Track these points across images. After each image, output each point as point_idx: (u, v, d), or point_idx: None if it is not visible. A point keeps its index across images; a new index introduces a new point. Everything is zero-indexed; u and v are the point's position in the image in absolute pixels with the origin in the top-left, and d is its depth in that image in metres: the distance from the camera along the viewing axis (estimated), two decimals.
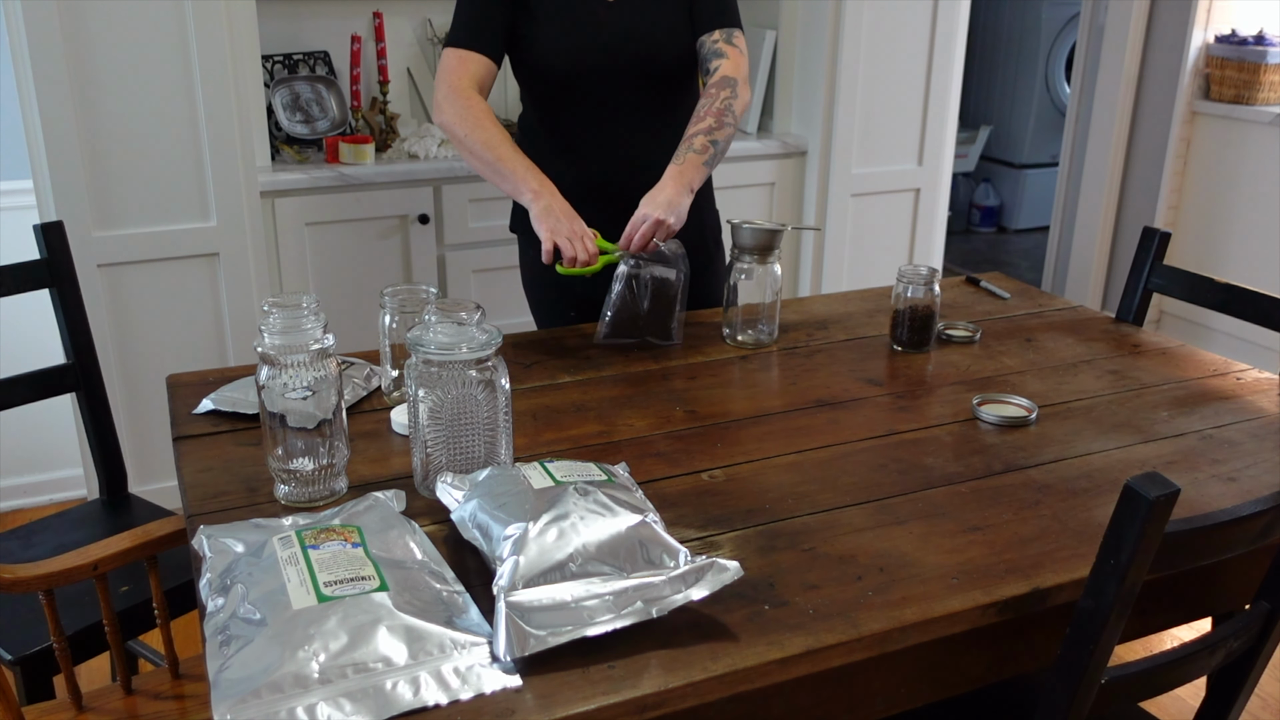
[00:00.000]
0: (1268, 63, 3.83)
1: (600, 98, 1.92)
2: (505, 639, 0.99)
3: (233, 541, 1.14)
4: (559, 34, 1.87)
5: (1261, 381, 1.74)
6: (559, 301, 2.06)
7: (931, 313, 1.80)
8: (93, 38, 2.44)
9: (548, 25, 1.87)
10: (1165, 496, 0.97)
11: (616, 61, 1.90)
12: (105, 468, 2.01)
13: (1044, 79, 5.88)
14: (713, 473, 1.39)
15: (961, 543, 1.23)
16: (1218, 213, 4.05)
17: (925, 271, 1.78)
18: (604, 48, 1.89)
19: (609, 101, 1.93)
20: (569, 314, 2.04)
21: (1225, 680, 1.28)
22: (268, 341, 1.24)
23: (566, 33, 1.87)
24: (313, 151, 3.00)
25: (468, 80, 1.85)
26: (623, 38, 1.89)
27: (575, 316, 2.02)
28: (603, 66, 1.89)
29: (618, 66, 1.90)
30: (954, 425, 1.54)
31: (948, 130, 3.51)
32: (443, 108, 1.84)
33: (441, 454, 1.27)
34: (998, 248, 5.86)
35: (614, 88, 1.92)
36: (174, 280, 2.66)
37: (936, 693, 1.18)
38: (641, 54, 1.91)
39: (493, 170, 1.81)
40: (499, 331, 1.26)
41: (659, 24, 1.92)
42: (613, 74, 1.90)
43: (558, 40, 1.87)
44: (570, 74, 1.90)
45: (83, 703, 1.51)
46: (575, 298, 2.02)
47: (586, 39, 1.88)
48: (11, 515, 2.93)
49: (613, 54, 1.89)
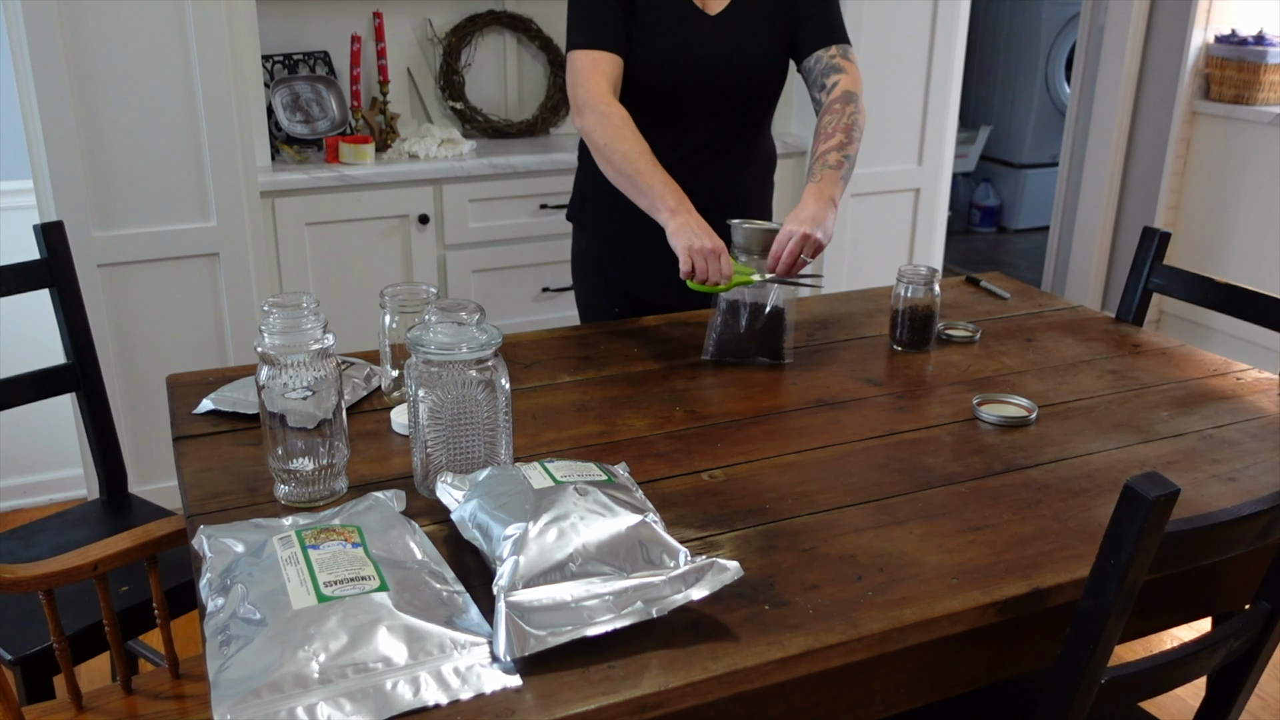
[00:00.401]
0: (1268, 63, 3.83)
1: (689, 110, 1.92)
2: (505, 639, 0.99)
3: (233, 541, 1.14)
4: (659, 42, 1.87)
5: (1261, 381, 1.74)
6: (606, 298, 2.07)
7: (931, 313, 1.80)
8: (93, 38, 2.44)
9: (649, 32, 1.86)
10: (1165, 496, 0.97)
11: (712, 76, 1.89)
12: (105, 468, 2.01)
13: (1044, 79, 5.88)
14: (713, 473, 1.39)
15: (961, 543, 1.23)
16: (1218, 213, 4.05)
17: (925, 271, 1.78)
18: (701, 61, 1.88)
19: (696, 115, 1.93)
20: (613, 310, 2.06)
21: (1225, 680, 1.28)
22: (268, 341, 1.24)
23: (666, 41, 1.87)
24: (313, 151, 3.00)
25: (605, 84, 1.83)
26: (723, 53, 1.89)
27: (619, 312, 2.04)
28: (697, 80, 1.89)
29: (712, 81, 1.90)
30: (954, 425, 1.54)
31: (948, 130, 3.51)
32: (583, 113, 1.82)
33: (441, 454, 1.27)
34: (998, 248, 5.86)
35: (704, 101, 1.92)
36: (174, 280, 2.66)
37: (936, 693, 1.18)
38: (738, 71, 1.90)
39: (630, 183, 1.78)
40: (499, 331, 1.26)
41: (760, 43, 1.91)
42: (705, 88, 1.90)
43: (657, 48, 1.87)
44: (664, 83, 1.89)
45: (83, 703, 1.51)
46: (621, 295, 2.05)
47: (686, 50, 1.87)
48: (11, 515, 2.93)
49: (709, 68, 1.89)
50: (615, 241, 2.03)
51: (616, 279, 2.02)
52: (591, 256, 2.07)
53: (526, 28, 3.34)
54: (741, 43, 1.90)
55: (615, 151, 1.78)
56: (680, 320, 1.94)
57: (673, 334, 1.87)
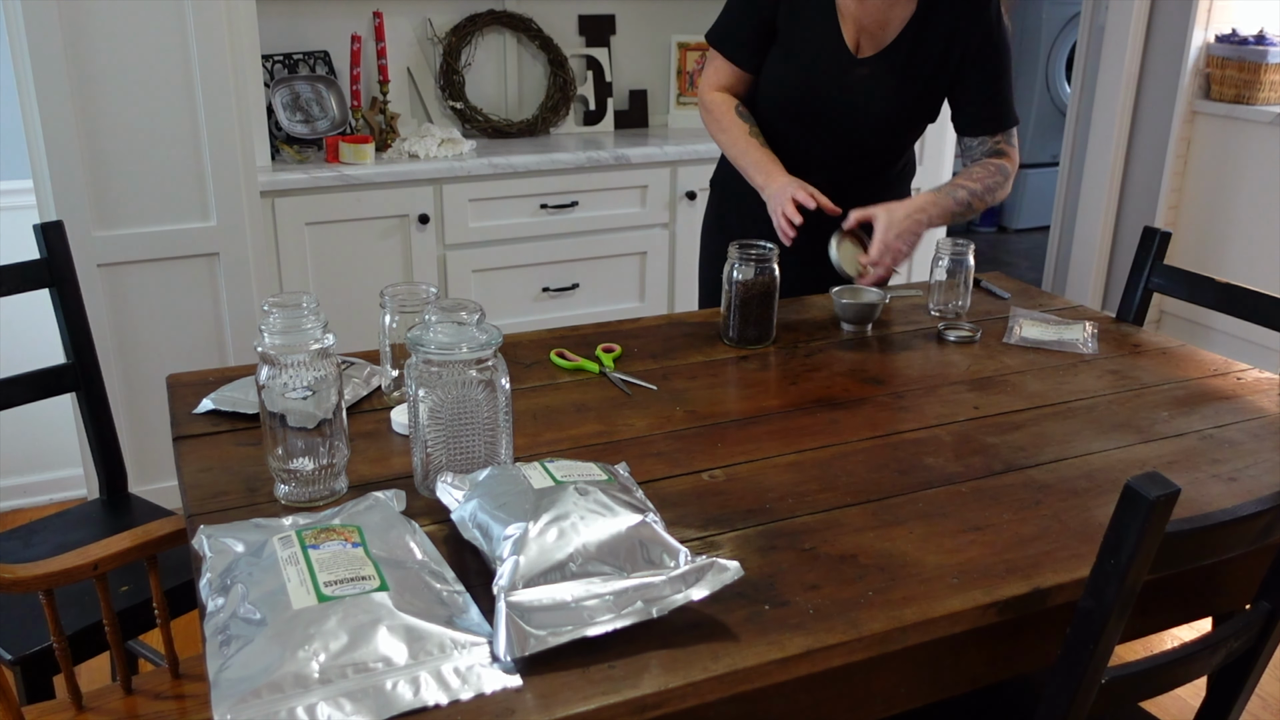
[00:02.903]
0: (1268, 62, 3.82)
1: (822, 140, 1.96)
2: (505, 639, 0.99)
3: (233, 541, 1.14)
4: (792, 73, 1.90)
5: (1261, 381, 1.74)
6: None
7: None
8: (93, 38, 2.44)
9: (786, 62, 1.89)
10: (1165, 496, 0.97)
11: (837, 112, 1.91)
12: (105, 468, 2.01)
13: (1044, 79, 5.88)
14: (713, 473, 1.38)
15: (961, 543, 1.23)
16: (1218, 213, 4.05)
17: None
18: (824, 99, 1.90)
19: (830, 145, 1.97)
20: None
21: (1225, 680, 1.28)
22: (268, 341, 1.24)
23: (797, 73, 1.89)
24: (313, 151, 3.00)
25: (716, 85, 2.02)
26: (850, 97, 1.90)
27: None
28: (823, 112, 1.91)
29: (835, 117, 1.92)
30: (954, 425, 1.54)
31: (948, 130, 3.51)
32: (701, 106, 2.06)
33: (441, 454, 1.27)
34: (998, 248, 5.86)
35: (817, 136, 1.96)
36: (174, 280, 2.66)
37: (936, 693, 1.18)
38: (864, 116, 1.92)
39: (735, 165, 2.00)
40: (499, 331, 1.26)
41: (895, 94, 1.90)
42: (828, 121, 1.93)
43: (786, 79, 1.90)
44: (791, 106, 1.93)
45: (83, 703, 1.51)
46: None
47: (821, 82, 1.89)
48: (11, 515, 2.93)
49: (838, 104, 1.91)
50: (735, 199, 2.11)
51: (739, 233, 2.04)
52: (718, 214, 2.19)
53: (527, 27, 3.34)
54: (875, 92, 1.89)
55: (722, 144, 2.02)
56: (681, 320, 1.95)
57: (673, 333, 1.88)
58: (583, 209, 3.10)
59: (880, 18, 1.87)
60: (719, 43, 1.99)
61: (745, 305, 1.78)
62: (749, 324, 1.80)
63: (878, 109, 1.92)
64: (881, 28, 1.87)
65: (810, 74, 1.89)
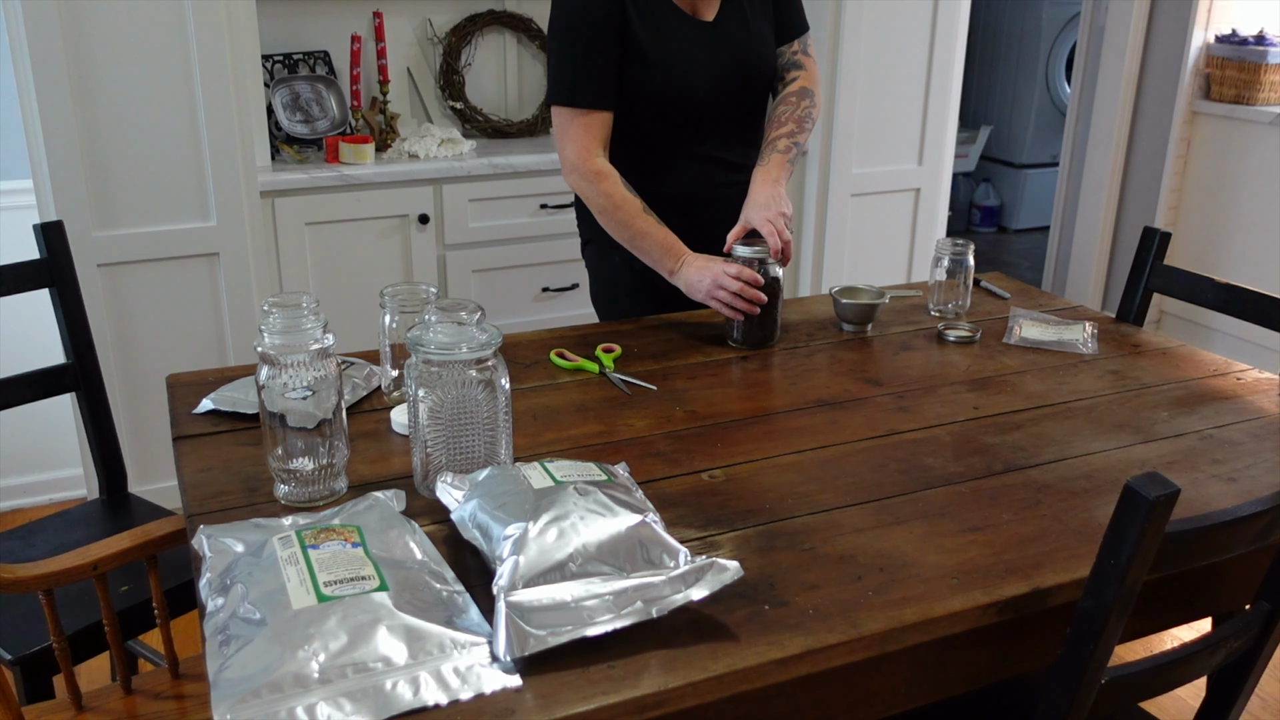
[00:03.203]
0: (1268, 63, 3.83)
1: (701, 114, 1.93)
2: (505, 639, 0.99)
3: (233, 541, 1.14)
4: (669, 61, 1.87)
5: (1261, 381, 1.73)
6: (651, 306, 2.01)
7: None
8: (93, 38, 2.44)
9: (654, 52, 1.86)
10: (1165, 496, 0.97)
11: (722, 78, 1.91)
12: (105, 468, 2.01)
13: (1044, 79, 5.88)
14: (713, 473, 1.38)
15: (961, 543, 1.23)
16: (1218, 213, 4.05)
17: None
18: (711, 66, 1.89)
19: (708, 117, 1.94)
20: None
21: (1225, 680, 1.28)
22: (268, 341, 1.24)
23: (674, 57, 1.87)
24: (313, 151, 3.00)
25: (595, 146, 1.86)
26: (729, 54, 1.91)
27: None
28: (710, 85, 1.90)
29: (723, 83, 1.91)
30: (954, 425, 1.54)
31: (948, 130, 3.51)
32: (573, 181, 1.89)
33: (441, 454, 1.27)
34: (998, 248, 5.86)
35: (715, 103, 1.93)
36: (174, 280, 2.66)
37: (936, 693, 1.18)
38: (745, 69, 1.93)
39: (631, 244, 1.88)
40: (499, 331, 1.26)
41: (757, 37, 1.94)
42: (718, 90, 1.91)
43: (669, 67, 1.87)
44: (681, 95, 1.89)
45: (82, 703, 1.51)
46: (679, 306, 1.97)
47: (694, 59, 1.88)
48: (11, 515, 2.93)
49: (720, 71, 1.90)
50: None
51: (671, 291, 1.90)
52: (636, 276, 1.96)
53: (526, 27, 3.34)
54: (743, 44, 1.92)
55: (611, 220, 1.87)
56: (681, 320, 1.94)
57: (673, 334, 1.87)
58: None
59: None
60: (577, 99, 1.83)
61: None
62: (754, 326, 1.80)
63: (749, 60, 1.92)
64: None
65: (679, 55, 1.86)
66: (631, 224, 1.85)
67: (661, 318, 1.95)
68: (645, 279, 1.94)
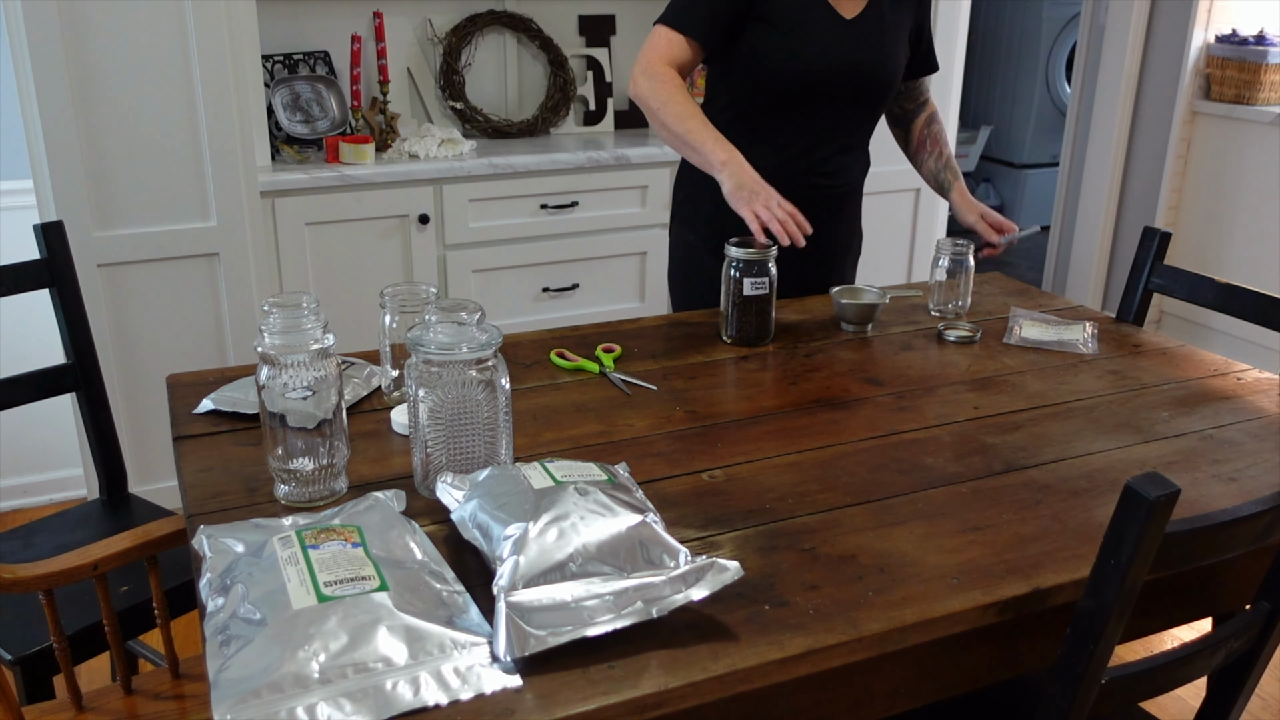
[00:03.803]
0: (1268, 63, 3.83)
1: (815, 111, 1.94)
2: (505, 639, 0.99)
3: (233, 541, 1.14)
4: (797, 45, 1.87)
5: (1261, 381, 1.73)
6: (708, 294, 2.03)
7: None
8: (93, 38, 2.44)
9: (786, 36, 1.87)
10: (1165, 496, 0.97)
11: (850, 78, 1.92)
12: (105, 468, 2.01)
13: (1044, 79, 5.88)
14: (713, 473, 1.38)
15: (961, 543, 1.23)
16: (1218, 213, 4.05)
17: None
18: (840, 63, 1.90)
19: (821, 115, 1.95)
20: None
21: (1225, 680, 1.28)
22: (268, 341, 1.24)
23: (805, 46, 1.87)
24: (313, 151, 3.00)
25: (668, 60, 1.87)
26: (862, 56, 1.91)
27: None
28: (835, 81, 1.91)
29: (845, 83, 1.92)
30: (954, 425, 1.54)
31: (948, 130, 3.51)
32: (638, 81, 1.88)
33: (441, 454, 1.27)
34: None
35: (837, 101, 1.94)
36: (174, 280, 2.66)
37: (936, 693, 1.18)
38: (870, 75, 1.94)
39: (682, 143, 1.85)
40: (499, 331, 1.26)
41: (893, 46, 1.95)
42: (837, 89, 1.92)
43: (796, 51, 1.87)
44: (802, 85, 1.90)
45: (83, 703, 1.51)
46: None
47: (825, 53, 1.88)
48: (11, 515, 2.93)
49: (849, 71, 1.91)
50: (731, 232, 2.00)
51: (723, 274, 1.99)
52: (704, 250, 2.03)
53: (526, 28, 3.34)
54: (879, 46, 1.93)
55: (668, 114, 1.84)
56: (682, 320, 1.95)
57: (673, 333, 1.88)
58: (583, 209, 3.10)
59: None
60: (681, 23, 1.87)
61: (745, 304, 1.78)
62: (749, 323, 1.80)
63: (880, 63, 1.94)
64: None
65: (811, 45, 1.88)
66: (689, 116, 1.83)
67: (663, 317, 1.96)
68: (714, 260, 1.96)
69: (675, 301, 2.16)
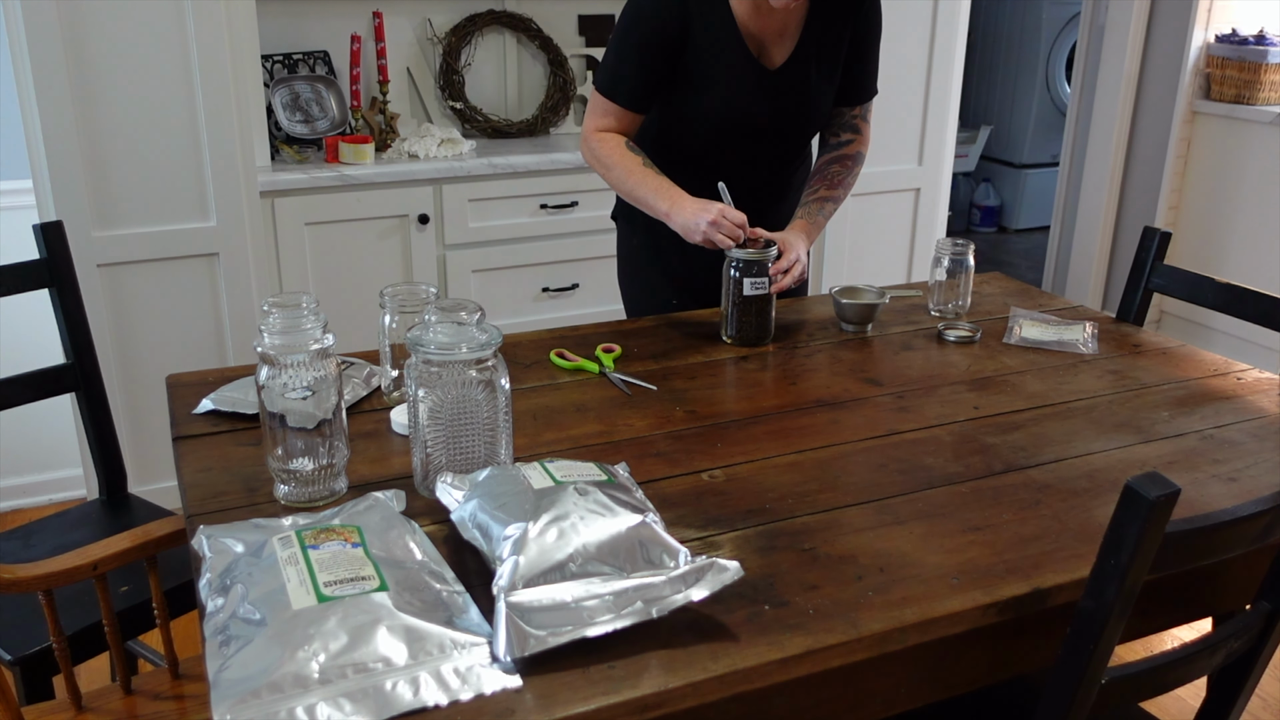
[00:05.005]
0: (1268, 62, 3.82)
1: (742, 151, 1.96)
2: (505, 639, 0.99)
3: (233, 541, 1.14)
4: (716, 94, 1.88)
5: (1262, 381, 1.73)
6: (665, 290, 2.08)
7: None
8: (93, 38, 2.44)
9: (706, 84, 1.88)
10: (1165, 496, 0.97)
11: (767, 123, 1.93)
12: (105, 468, 2.01)
13: (1044, 79, 5.88)
14: (713, 473, 1.38)
15: (961, 543, 1.23)
16: (1218, 213, 4.05)
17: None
18: (761, 114, 1.91)
19: (749, 155, 1.97)
20: (672, 301, 2.07)
21: (1226, 680, 1.28)
22: (268, 341, 1.24)
23: (724, 93, 1.88)
24: (313, 151, 3.00)
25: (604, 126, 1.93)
26: (783, 106, 1.92)
27: (677, 304, 2.06)
28: (753, 127, 1.92)
29: (767, 127, 1.93)
30: (954, 425, 1.54)
31: (948, 130, 3.51)
32: (583, 150, 1.97)
33: (441, 454, 1.27)
34: (998, 248, 5.86)
35: (759, 145, 1.96)
36: (174, 280, 2.66)
37: (936, 693, 1.18)
38: (797, 122, 1.96)
39: (633, 199, 1.91)
40: (499, 331, 1.26)
41: (818, 95, 1.96)
42: (759, 134, 1.94)
43: (714, 100, 1.88)
44: (719, 133, 1.92)
45: (82, 703, 1.51)
46: (681, 285, 2.07)
47: (746, 104, 1.89)
48: (11, 515, 2.93)
49: (769, 121, 1.92)
50: (672, 233, 2.02)
51: (677, 269, 2.04)
52: (648, 251, 2.09)
53: (526, 27, 3.34)
54: (802, 97, 1.93)
55: (613, 178, 1.92)
56: (682, 320, 1.95)
57: (673, 333, 1.87)
58: (583, 209, 3.10)
59: (779, 27, 1.88)
60: (613, 92, 1.90)
61: (745, 303, 1.78)
62: (749, 323, 1.80)
63: (803, 112, 1.94)
64: (782, 35, 1.89)
65: (731, 94, 1.88)
66: (629, 176, 1.88)
67: (662, 317, 1.95)
68: (655, 264, 2.05)
69: (626, 304, 2.18)
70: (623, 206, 2.12)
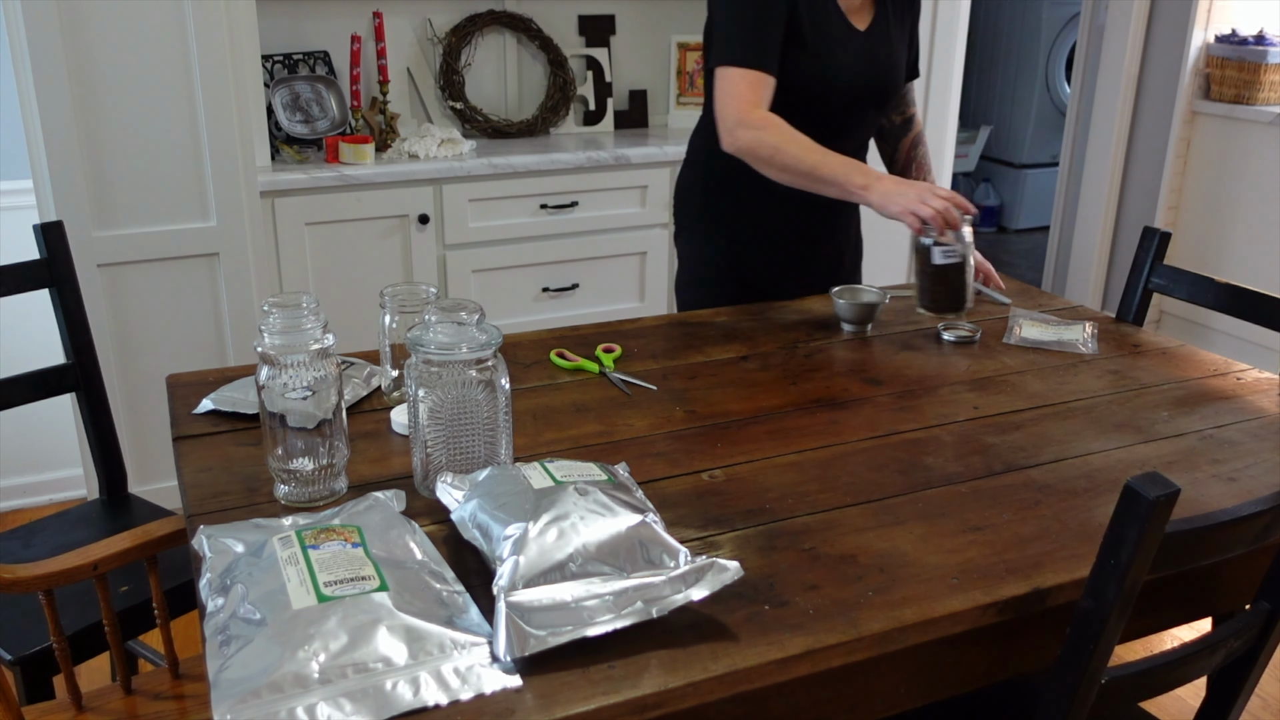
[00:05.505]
0: (1268, 62, 3.83)
1: (844, 119, 1.96)
2: (505, 639, 0.99)
3: (233, 541, 1.14)
4: (825, 59, 1.88)
5: (1261, 381, 1.74)
6: (736, 299, 2.05)
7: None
8: (93, 38, 2.44)
9: (814, 50, 1.87)
10: (1165, 496, 0.97)
11: (864, 86, 1.94)
12: (105, 468, 2.01)
13: (1044, 79, 5.88)
14: (713, 473, 1.38)
15: (961, 543, 1.23)
16: (1218, 213, 4.05)
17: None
18: (861, 73, 1.92)
19: (849, 122, 1.98)
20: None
21: (1225, 680, 1.28)
22: (268, 341, 1.24)
23: (832, 58, 1.88)
24: (313, 151, 3.00)
25: (756, 103, 1.82)
26: (877, 65, 1.94)
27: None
28: (858, 90, 1.94)
29: (863, 90, 1.95)
30: (954, 425, 1.54)
31: (948, 130, 3.51)
32: (738, 135, 1.81)
33: (441, 454, 1.27)
34: (998, 248, 5.86)
35: (857, 109, 1.97)
36: (174, 280, 2.66)
37: (936, 693, 1.18)
38: (879, 83, 1.97)
39: (810, 180, 1.79)
40: (499, 331, 1.26)
41: (899, 54, 1.99)
42: (862, 97, 1.95)
43: (823, 65, 1.88)
44: (830, 96, 1.91)
45: (83, 703, 1.51)
46: (755, 294, 2.06)
47: (847, 65, 1.90)
48: (11, 515, 2.93)
49: (864, 79, 1.93)
50: (750, 243, 2.01)
51: (751, 278, 2.04)
52: (723, 260, 2.04)
53: (526, 28, 3.34)
54: (889, 53, 1.97)
55: (787, 156, 1.78)
56: (682, 320, 1.95)
57: (673, 333, 1.88)
58: (583, 209, 3.10)
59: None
60: (748, 59, 1.80)
61: (937, 273, 1.78)
62: (946, 291, 1.80)
63: (893, 75, 1.99)
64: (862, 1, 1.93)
65: (836, 58, 1.89)
66: (809, 153, 1.78)
67: (663, 317, 1.96)
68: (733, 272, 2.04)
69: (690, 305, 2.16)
70: (695, 217, 2.05)
